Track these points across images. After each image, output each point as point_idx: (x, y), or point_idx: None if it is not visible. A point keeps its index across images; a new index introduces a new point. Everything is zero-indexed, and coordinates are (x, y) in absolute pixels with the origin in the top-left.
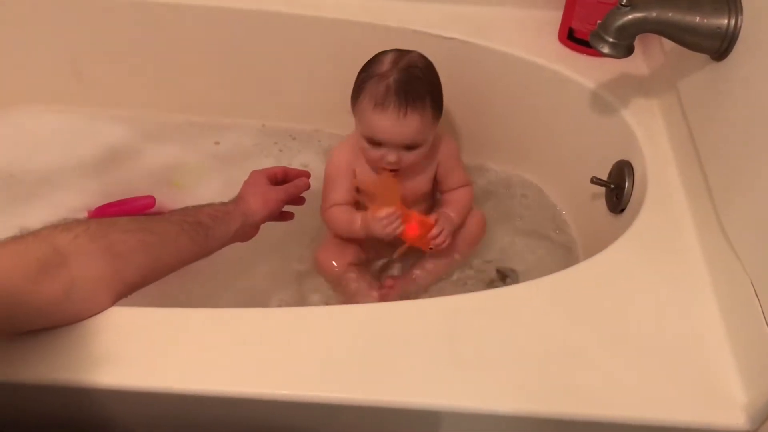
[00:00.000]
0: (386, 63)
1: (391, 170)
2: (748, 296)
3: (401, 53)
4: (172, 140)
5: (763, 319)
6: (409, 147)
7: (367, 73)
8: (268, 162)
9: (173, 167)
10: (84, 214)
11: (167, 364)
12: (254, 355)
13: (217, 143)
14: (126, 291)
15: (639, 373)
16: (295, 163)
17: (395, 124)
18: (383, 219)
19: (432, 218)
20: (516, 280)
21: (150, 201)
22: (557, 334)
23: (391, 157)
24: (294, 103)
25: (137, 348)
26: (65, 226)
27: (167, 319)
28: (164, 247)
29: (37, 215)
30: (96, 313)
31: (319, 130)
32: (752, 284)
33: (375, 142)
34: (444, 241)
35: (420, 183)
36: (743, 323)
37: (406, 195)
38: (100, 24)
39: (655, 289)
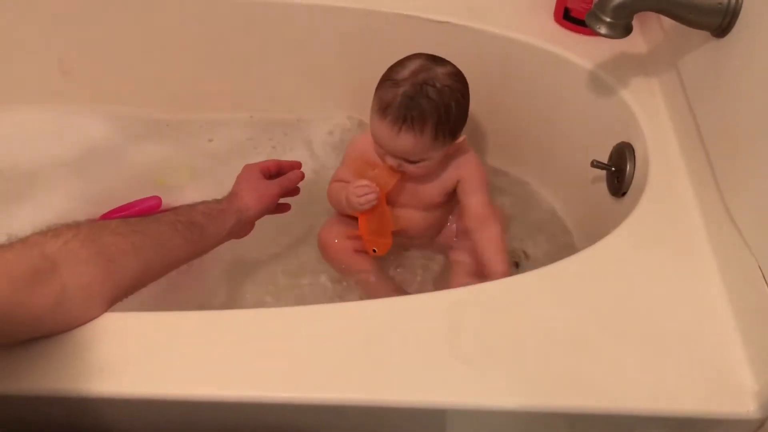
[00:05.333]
0: (407, 70)
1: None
2: (756, 281)
3: (429, 63)
4: (162, 137)
5: None
6: (408, 160)
7: (389, 72)
8: (258, 156)
9: (164, 165)
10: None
11: (164, 369)
12: (252, 358)
13: (210, 140)
14: (119, 296)
15: (646, 364)
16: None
17: (389, 137)
18: (357, 188)
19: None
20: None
21: (156, 202)
22: (561, 325)
23: (390, 161)
24: (283, 92)
25: (133, 354)
26: (54, 231)
27: (163, 323)
28: (157, 248)
29: (26, 216)
30: (89, 320)
31: (307, 120)
32: (760, 268)
33: (375, 141)
34: None
35: (429, 192)
36: (752, 309)
37: (414, 201)
38: (86, 20)
39: (661, 275)
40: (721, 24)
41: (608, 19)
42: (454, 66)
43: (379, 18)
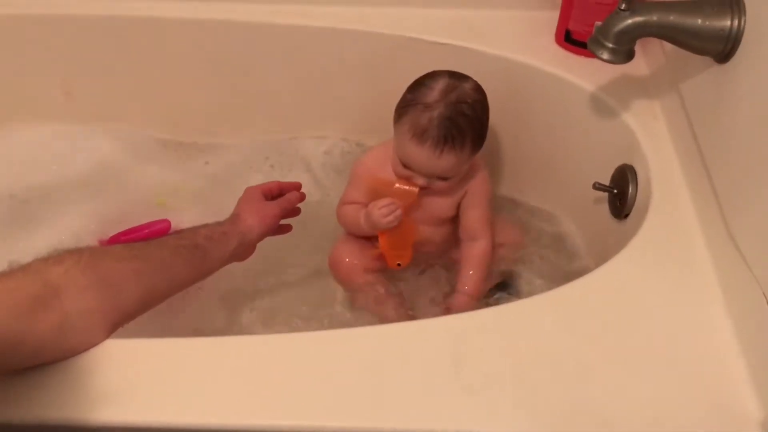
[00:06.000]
0: (436, 92)
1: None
2: (760, 307)
3: (454, 82)
4: (164, 156)
5: None
6: (442, 178)
7: (414, 95)
8: (257, 176)
9: (167, 185)
10: (93, 241)
11: (167, 397)
12: (255, 385)
13: (207, 163)
14: (122, 321)
15: (651, 390)
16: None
17: (429, 160)
18: (382, 209)
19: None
20: (518, 288)
21: (165, 225)
22: (566, 351)
23: (421, 181)
24: (283, 114)
25: (136, 381)
26: (56, 258)
27: (166, 350)
28: (159, 273)
29: (32, 238)
30: (92, 347)
31: (306, 141)
32: (764, 295)
33: (406, 165)
34: None
35: (440, 206)
36: (757, 335)
37: (427, 216)
38: (89, 41)
39: (664, 301)
40: (724, 50)
41: (610, 45)
42: (473, 79)
43: (381, 40)
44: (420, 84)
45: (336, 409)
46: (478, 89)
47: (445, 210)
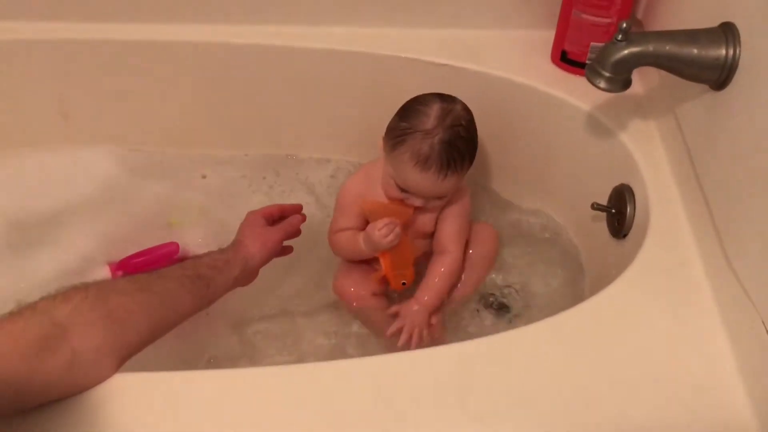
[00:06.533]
0: (432, 118)
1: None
2: (759, 334)
3: (447, 105)
4: (165, 176)
5: None
6: (440, 198)
7: (411, 123)
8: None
9: (169, 205)
10: (104, 267)
11: (177, 430)
12: (263, 416)
13: (204, 176)
14: (129, 355)
15: (653, 416)
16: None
17: (433, 184)
18: (383, 229)
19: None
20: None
21: (174, 248)
22: (569, 376)
23: (417, 202)
24: (281, 132)
25: (145, 415)
26: (63, 295)
27: (174, 383)
28: (165, 305)
29: (40, 264)
30: (100, 382)
31: (305, 161)
32: (763, 323)
33: (404, 189)
34: (410, 342)
35: (423, 222)
36: (756, 361)
37: (415, 232)
38: (86, 63)
39: (665, 325)
40: (719, 78)
41: (607, 74)
42: (459, 99)
43: (378, 61)
44: (413, 110)
45: None
46: (467, 109)
47: (428, 225)
